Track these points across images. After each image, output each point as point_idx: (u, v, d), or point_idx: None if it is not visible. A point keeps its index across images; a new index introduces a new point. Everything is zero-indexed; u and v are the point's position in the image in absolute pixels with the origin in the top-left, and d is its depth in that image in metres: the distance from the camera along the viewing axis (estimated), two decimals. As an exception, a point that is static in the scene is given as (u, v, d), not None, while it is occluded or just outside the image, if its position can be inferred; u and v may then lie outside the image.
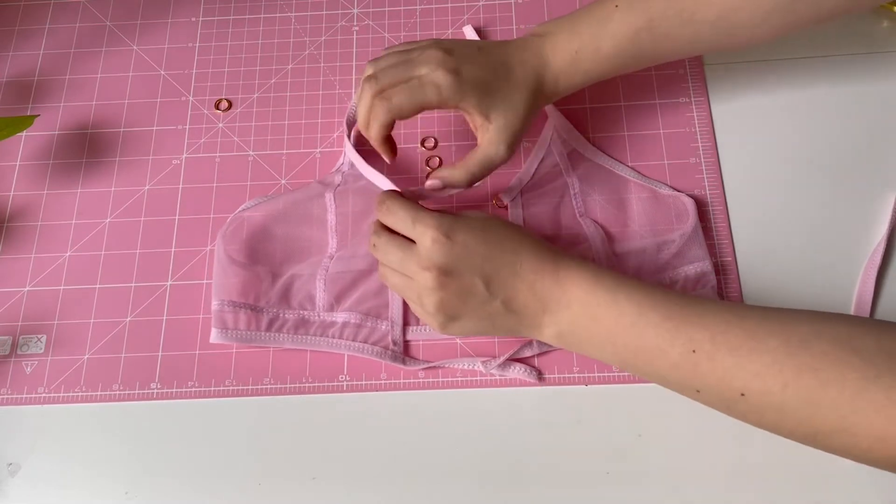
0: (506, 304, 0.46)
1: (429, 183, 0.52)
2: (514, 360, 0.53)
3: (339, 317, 0.54)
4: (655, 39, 0.51)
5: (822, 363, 0.39)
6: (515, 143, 0.52)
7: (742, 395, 0.41)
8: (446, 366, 0.53)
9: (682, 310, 0.44)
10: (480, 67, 0.51)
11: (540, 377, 0.53)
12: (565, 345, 0.48)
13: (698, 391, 0.43)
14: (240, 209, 0.57)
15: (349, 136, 0.60)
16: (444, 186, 0.52)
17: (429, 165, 0.60)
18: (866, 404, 0.38)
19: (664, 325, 0.43)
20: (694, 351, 0.42)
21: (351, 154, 0.58)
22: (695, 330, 0.43)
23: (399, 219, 0.48)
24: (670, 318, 0.43)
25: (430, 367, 0.53)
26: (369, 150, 0.57)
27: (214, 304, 0.54)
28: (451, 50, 0.51)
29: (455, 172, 0.52)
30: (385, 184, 0.53)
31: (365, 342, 0.54)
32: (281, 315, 0.54)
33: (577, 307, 0.46)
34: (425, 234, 0.46)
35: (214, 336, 0.53)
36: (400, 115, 0.50)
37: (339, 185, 0.59)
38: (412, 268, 0.47)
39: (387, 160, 0.55)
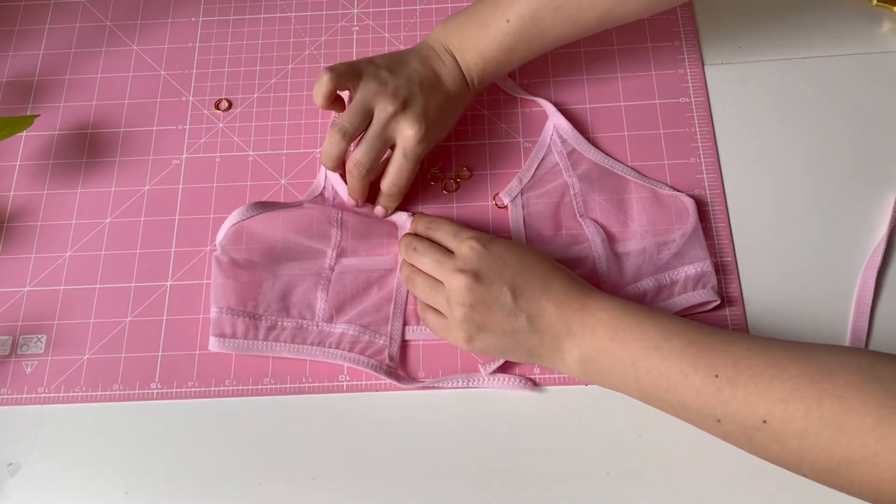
0: (530, 320, 0.47)
1: (376, 210, 0.58)
2: (511, 365, 0.53)
3: (338, 328, 0.54)
4: (546, 40, 0.56)
5: (844, 391, 0.39)
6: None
7: (764, 421, 0.41)
8: (440, 385, 0.53)
9: (705, 337, 0.44)
10: (437, 112, 0.55)
11: (534, 385, 0.53)
12: (587, 373, 0.48)
13: (719, 420, 0.43)
14: (238, 220, 0.56)
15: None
16: (386, 213, 0.58)
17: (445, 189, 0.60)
18: (889, 433, 0.37)
19: (688, 350, 0.44)
20: (717, 376, 0.42)
21: (336, 183, 0.59)
22: (718, 356, 0.43)
23: (443, 231, 0.52)
24: (694, 343, 0.44)
25: (424, 387, 0.53)
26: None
27: (213, 312, 0.54)
28: (401, 97, 0.54)
29: (387, 199, 0.57)
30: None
31: (361, 354, 0.54)
32: (279, 323, 0.54)
33: (602, 331, 0.46)
34: (465, 242, 0.50)
35: (213, 345, 0.53)
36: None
37: (335, 204, 0.59)
38: (447, 269, 0.49)
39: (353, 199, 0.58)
